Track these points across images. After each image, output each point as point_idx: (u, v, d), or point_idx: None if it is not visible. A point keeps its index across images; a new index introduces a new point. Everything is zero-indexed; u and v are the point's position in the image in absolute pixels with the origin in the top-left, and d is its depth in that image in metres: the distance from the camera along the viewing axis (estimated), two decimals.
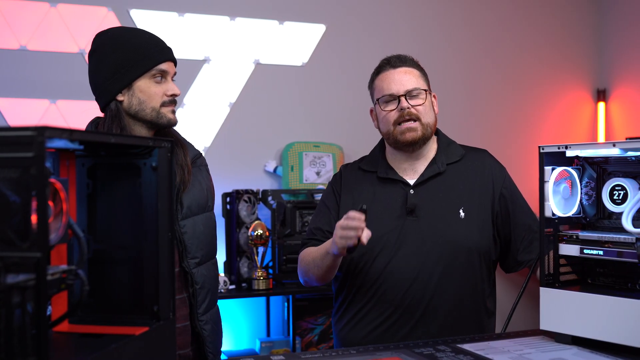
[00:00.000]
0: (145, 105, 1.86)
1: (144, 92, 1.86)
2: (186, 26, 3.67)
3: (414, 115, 2.04)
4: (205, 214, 2.01)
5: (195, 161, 2.03)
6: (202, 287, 1.94)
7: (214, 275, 2.03)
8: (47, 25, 3.40)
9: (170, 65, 1.91)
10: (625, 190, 1.63)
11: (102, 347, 1.08)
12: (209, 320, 1.97)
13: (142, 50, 1.85)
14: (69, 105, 3.40)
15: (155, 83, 1.87)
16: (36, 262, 0.90)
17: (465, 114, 4.22)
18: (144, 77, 1.86)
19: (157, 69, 1.87)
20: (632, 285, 1.63)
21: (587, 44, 4.60)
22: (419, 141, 2.06)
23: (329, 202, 2.17)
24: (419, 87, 2.07)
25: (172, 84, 1.91)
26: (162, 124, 1.89)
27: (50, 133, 0.92)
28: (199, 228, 1.95)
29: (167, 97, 1.88)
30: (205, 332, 1.95)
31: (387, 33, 4.08)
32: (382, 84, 2.09)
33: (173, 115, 1.91)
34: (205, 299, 1.95)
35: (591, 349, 1.57)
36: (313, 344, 3.48)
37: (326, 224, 2.12)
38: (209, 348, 1.96)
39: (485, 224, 2.05)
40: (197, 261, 1.93)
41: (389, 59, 2.13)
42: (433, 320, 1.98)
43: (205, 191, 2.01)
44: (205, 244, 1.98)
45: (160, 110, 1.87)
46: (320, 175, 3.71)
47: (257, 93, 3.83)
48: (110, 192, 1.30)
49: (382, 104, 2.08)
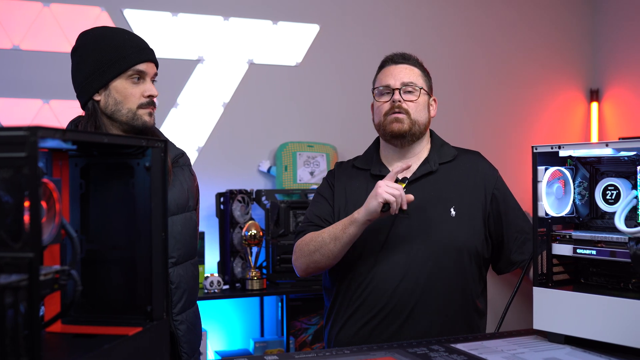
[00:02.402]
0: (121, 105, 1.85)
1: (120, 93, 1.85)
2: (180, 26, 3.67)
3: (403, 109, 2.05)
4: (184, 214, 1.98)
5: (178, 160, 2.02)
6: (177, 287, 1.92)
7: (192, 276, 2.00)
8: (40, 25, 3.39)
9: (149, 66, 1.89)
10: (618, 190, 1.64)
11: (95, 348, 1.08)
12: (184, 321, 1.95)
13: (120, 51, 1.84)
14: (62, 105, 3.39)
15: (132, 84, 1.86)
16: (29, 263, 0.90)
17: (459, 114, 4.23)
18: (121, 78, 1.84)
19: (134, 69, 1.85)
20: (624, 285, 1.63)
21: (580, 44, 4.62)
22: (406, 135, 2.07)
23: (325, 193, 2.18)
24: (415, 82, 2.08)
25: (150, 84, 1.89)
26: (137, 126, 1.87)
27: (43, 133, 0.92)
28: (177, 228, 1.93)
29: (145, 99, 1.87)
30: (180, 332, 1.92)
31: (381, 33, 4.09)
32: (381, 76, 2.13)
33: (149, 118, 1.89)
34: (180, 299, 1.93)
35: (584, 348, 1.57)
36: (307, 344, 3.49)
37: (325, 213, 2.13)
38: (183, 348, 1.93)
39: (476, 224, 2.06)
40: (174, 261, 1.91)
41: (393, 55, 2.16)
42: (421, 318, 1.98)
43: (186, 191, 1.99)
44: (182, 244, 1.95)
45: (136, 112, 1.86)
46: (314, 175, 3.71)
47: (251, 93, 3.83)
48: (104, 192, 1.30)
49: (377, 96, 2.12)
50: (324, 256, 2.01)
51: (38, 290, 0.91)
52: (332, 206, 2.14)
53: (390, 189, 1.87)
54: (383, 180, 1.92)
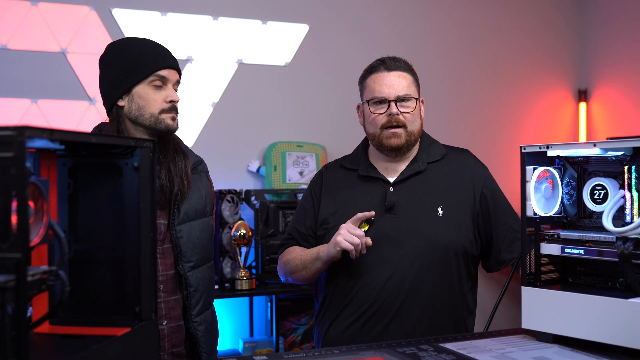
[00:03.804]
0: (144, 110, 1.91)
1: (142, 98, 1.91)
2: (169, 26, 3.66)
3: (401, 122, 2.05)
4: (202, 220, 2.05)
5: (196, 167, 2.09)
6: (196, 290, 1.99)
7: (209, 278, 2.08)
8: (28, 24, 3.37)
9: (171, 72, 1.96)
10: (605, 190, 1.65)
11: (83, 348, 1.07)
12: (203, 322, 2.03)
13: (142, 58, 1.92)
14: (50, 104, 3.37)
15: (155, 89, 1.92)
16: (16, 263, 0.89)
17: (448, 114, 4.24)
18: (143, 83, 1.91)
19: (156, 75, 1.92)
20: (612, 284, 1.64)
21: (568, 44, 4.64)
22: (403, 147, 2.08)
23: (307, 204, 2.21)
24: (411, 94, 2.08)
25: (172, 90, 1.96)
26: (161, 129, 1.93)
27: (31, 133, 0.92)
28: (195, 233, 2.00)
29: (167, 104, 1.93)
30: (199, 333, 2.00)
31: (371, 33, 4.09)
32: (374, 85, 2.09)
33: (173, 122, 1.95)
34: (199, 301, 2.01)
35: (572, 347, 1.58)
36: (296, 344, 3.48)
37: (302, 225, 2.19)
38: (202, 348, 2.02)
39: (465, 223, 2.06)
40: (192, 265, 1.99)
41: (384, 60, 2.12)
42: (409, 316, 1.99)
43: (203, 198, 2.06)
44: (200, 248, 2.02)
45: (159, 117, 1.92)
46: (304, 175, 3.71)
47: (240, 93, 3.82)
48: (92, 192, 1.29)
49: (371, 106, 2.09)
50: (300, 278, 2.12)
51: (25, 290, 0.91)
52: (315, 215, 2.17)
53: (350, 236, 1.91)
54: (345, 225, 1.94)
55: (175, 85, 1.98)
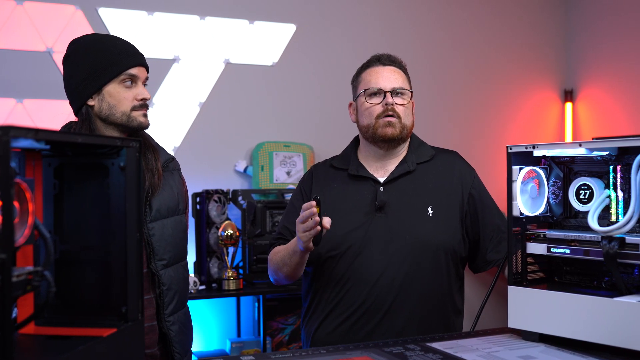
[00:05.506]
0: (115, 109, 1.89)
1: (113, 97, 1.89)
2: (155, 25, 3.65)
3: (396, 112, 2.07)
4: (175, 217, 2.03)
5: (168, 165, 2.06)
6: (169, 289, 1.96)
7: (182, 277, 2.05)
8: (13, 23, 3.35)
9: (140, 70, 1.94)
10: (591, 190, 1.65)
11: (69, 349, 1.07)
12: (176, 321, 1.99)
13: (112, 56, 1.89)
14: (36, 104, 3.35)
15: (125, 88, 1.90)
16: (1, 264, 0.89)
17: (434, 114, 4.25)
18: (113, 82, 1.89)
19: (126, 73, 1.90)
20: (597, 283, 1.65)
21: (554, 45, 4.66)
22: (396, 139, 2.08)
23: (297, 202, 2.19)
24: (405, 87, 2.11)
25: (143, 88, 1.94)
26: (133, 127, 1.92)
27: (15, 132, 0.91)
28: (168, 231, 1.98)
29: (137, 102, 1.91)
30: (172, 333, 1.97)
31: (358, 33, 4.09)
32: (370, 77, 2.12)
33: (144, 119, 1.94)
34: (172, 300, 1.97)
35: (558, 346, 1.59)
36: (284, 344, 3.48)
37: (292, 223, 2.13)
38: (175, 348, 1.98)
39: (454, 223, 2.07)
40: (165, 263, 1.96)
41: (379, 56, 2.16)
42: (398, 317, 1.99)
43: (176, 195, 2.04)
44: (173, 247, 2.00)
45: (130, 114, 1.90)
46: (291, 175, 3.71)
47: (227, 93, 3.81)
48: (78, 193, 1.29)
49: (367, 96, 2.10)
50: (284, 275, 2.08)
51: (10, 291, 0.90)
52: None
53: (303, 227, 1.83)
54: (298, 218, 1.86)
55: (144, 82, 1.96)
